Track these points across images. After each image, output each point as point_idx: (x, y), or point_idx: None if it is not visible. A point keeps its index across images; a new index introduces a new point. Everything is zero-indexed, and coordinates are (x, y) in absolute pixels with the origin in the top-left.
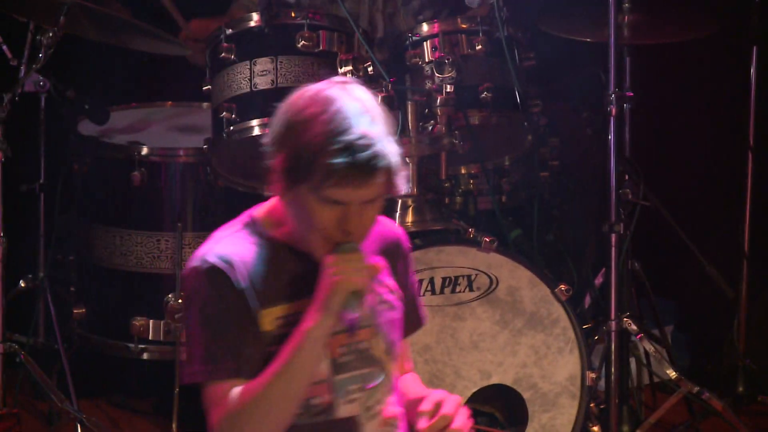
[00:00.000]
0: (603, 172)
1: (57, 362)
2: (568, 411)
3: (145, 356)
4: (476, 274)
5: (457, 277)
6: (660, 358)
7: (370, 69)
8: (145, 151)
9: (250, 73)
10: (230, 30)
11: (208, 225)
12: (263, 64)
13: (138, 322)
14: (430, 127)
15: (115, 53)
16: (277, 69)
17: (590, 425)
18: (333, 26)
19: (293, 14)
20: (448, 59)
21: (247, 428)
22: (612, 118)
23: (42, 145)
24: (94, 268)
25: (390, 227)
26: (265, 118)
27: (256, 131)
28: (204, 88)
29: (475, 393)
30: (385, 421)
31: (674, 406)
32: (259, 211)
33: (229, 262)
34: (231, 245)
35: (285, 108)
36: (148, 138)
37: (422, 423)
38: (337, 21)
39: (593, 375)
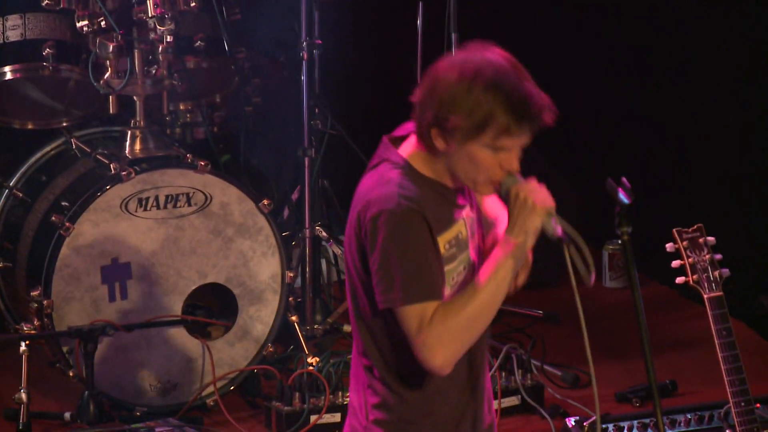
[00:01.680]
0: (297, 106)
1: None
2: (271, 304)
3: None
4: (194, 192)
5: (177, 195)
6: None
7: (103, 23)
8: None
9: (3, 27)
10: None
11: None
12: (13, 20)
13: None
14: (154, 71)
15: None
16: (25, 24)
17: (290, 315)
18: None
19: None
20: (167, 14)
21: (457, 337)
22: (304, 62)
23: None
24: None
25: None
26: (17, 64)
27: (8, 76)
28: None
29: (194, 290)
30: None
31: None
32: (404, 152)
33: (416, 201)
34: (405, 185)
35: (446, 78)
36: None
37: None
38: None
39: (291, 274)
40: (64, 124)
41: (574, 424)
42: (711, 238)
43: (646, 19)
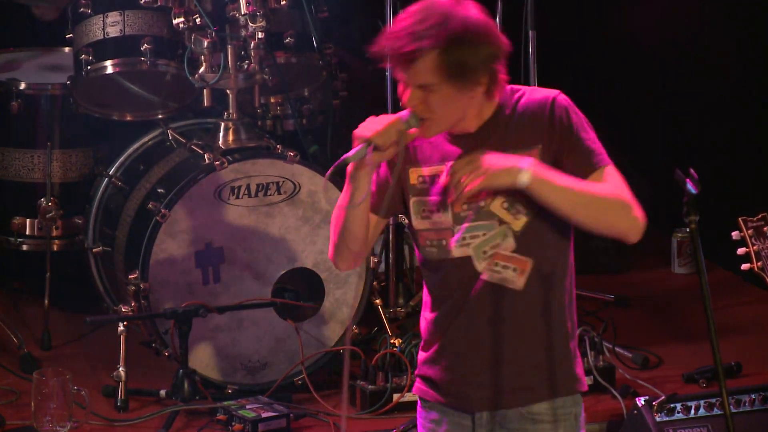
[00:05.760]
0: (381, 100)
1: None
2: (356, 288)
3: (24, 248)
4: (283, 181)
5: (268, 184)
6: None
7: (198, 20)
8: (22, 86)
9: (103, 24)
10: None
11: (71, 143)
12: (113, 16)
13: (17, 220)
14: (246, 66)
15: None
16: (124, 20)
17: (374, 299)
18: None
19: None
20: (259, 12)
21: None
22: None
23: None
24: None
25: (539, 93)
26: (116, 59)
27: (109, 70)
28: (67, 36)
29: (283, 274)
30: (497, 261)
31: None
32: None
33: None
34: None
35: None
36: (23, 75)
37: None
38: None
39: (375, 259)
40: (161, 116)
41: (643, 403)
42: None
43: (712, 10)
